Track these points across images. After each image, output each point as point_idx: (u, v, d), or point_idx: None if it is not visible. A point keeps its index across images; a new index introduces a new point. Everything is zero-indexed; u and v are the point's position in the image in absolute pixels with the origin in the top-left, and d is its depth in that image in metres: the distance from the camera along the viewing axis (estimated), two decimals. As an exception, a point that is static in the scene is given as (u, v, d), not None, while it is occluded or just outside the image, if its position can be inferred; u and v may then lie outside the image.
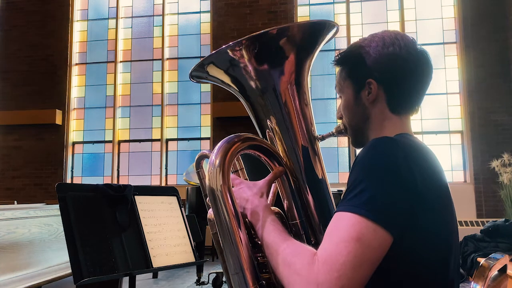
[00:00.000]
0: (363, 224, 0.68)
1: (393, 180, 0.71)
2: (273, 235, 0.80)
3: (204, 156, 1.04)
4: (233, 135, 0.84)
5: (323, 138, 0.97)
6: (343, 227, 0.69)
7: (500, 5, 6.32)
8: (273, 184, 0.94)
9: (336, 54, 0.95)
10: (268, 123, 0.96)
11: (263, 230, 0.82)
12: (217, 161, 0.80)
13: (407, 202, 0.71)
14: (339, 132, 0.97)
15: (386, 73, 0.87)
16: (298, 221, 0.92)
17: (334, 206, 0.98)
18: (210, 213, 0.93)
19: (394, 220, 0.70)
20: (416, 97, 0.90)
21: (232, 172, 0.92)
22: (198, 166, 1.07)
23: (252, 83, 0.95)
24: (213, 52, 0.92)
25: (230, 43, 0.88)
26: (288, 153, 0.95)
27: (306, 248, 0.75)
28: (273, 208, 0.92)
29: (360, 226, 0.68)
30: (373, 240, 0.68)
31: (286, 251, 0.75)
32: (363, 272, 0.67)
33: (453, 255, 0.82)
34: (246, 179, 0.99)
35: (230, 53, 0.91)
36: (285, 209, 0.93)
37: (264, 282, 0.85)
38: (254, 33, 0.87)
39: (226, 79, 0.97)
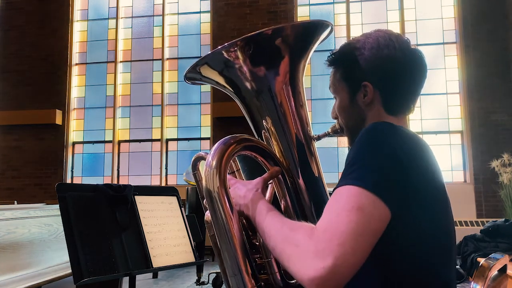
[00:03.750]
0: (363, 195, 0.68)
1: (391, 159, 0.72)
2: (268, 218, 0.79)
3: (200, 158, 1.04)
4: (229, 136, 0.84)
5: (319, 138, 0.97)
6: (344, 198, 0.69)
7: (500, 5, 6.31)
8: (270, 185, 0.94)
9: (329, 54, 0.95)
10: (264, 123, 0.97)
11: (258, 217, 0.81)
12: (214, 163, 0.80)
13: (403, 182, 0.72)
14: (335, 132, 0.97)
15: (382, 76, 0.87)
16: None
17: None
18: (207, 215, 0.93)
19: (392, 196, 0.70)
20: (412, 97, 0.90)
21: (228, 174, 0.92)
22: (195, 168, 1.07)
23: (247, 84, 0.95)
24: (207, 54, 0.92)
25: (225, 44, 0.89)
26: (284, 154, 0.95)
27: (304, 223, 0.74)
28: None
29: (361, 197, 0.68)
30: (373, 210, 0.67)
31: (283, 228, 0.74)
32: (363, 241, 0.66)
33: (450, 255, 0.82)
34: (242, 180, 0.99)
35: (224, 54, 0.91)
36: (282, 209, 0.93)
37: (263, 283, 0.86)
38: (246, 35, 0.87)
39: (221, 80, 0.98)
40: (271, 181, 0.93)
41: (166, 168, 7.15)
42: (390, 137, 0.75)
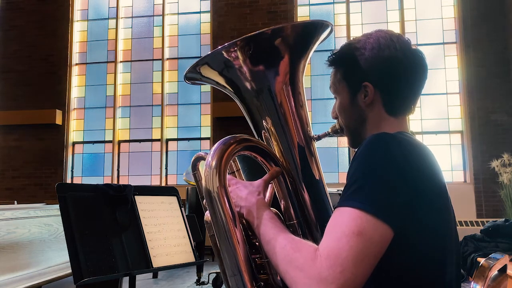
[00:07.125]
0: (364, 219, 0.68)
1: (392, 174, 0.72)
2: (272, 232, 0.80)
3: (200, 158, 1.04)
4: (229, 136, 0.84)
5: (319, 138, 0.97)
6: (344, 222, 0.69)
7: (500, 5, 6.32)
8: (269, 185, 0.94)
9: (330, 54, 0.95)
10: (264, 123, 0.96)
11: (261, 227, 0.82)
12: (214, 163, 0.80)
13: (405, 195, 0.71)
14: (335, 132, 0.97)
15: (383, 76, 0.87)
16: (295, 221, 0.92)
17: (331, 206, 0.98)
18: (207, 215, 0.93)
19: (394, 214, 0.70)
20: (412, 98, 0.90)
21: (228, 174, 0.92)
22: (194, 168, 1.07)
23: (247, 84, 0.95)
24: (207, 54, 0.92)
25: (225, 44, 0.89)
26: (284, 154, 0.95)
27: (307, 243, 0.75)
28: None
29: (361, 221, 0.68)
30: (374, 234, 0.68)
31: (287, 247, 0.75)
32: (365, 266, 0.67)
33: (452, 255, 0.82)
34: (243, 180, 0.99)
35: (224, 54, 0.91)
36: (282, 209, 0.93)
37: (262, 283, 0.86)
38: (246, 35, 0.87)
39: (221, 80, 0.97)
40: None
41: (166, 168, 7.15)
42: (388, 147, 0.75)
